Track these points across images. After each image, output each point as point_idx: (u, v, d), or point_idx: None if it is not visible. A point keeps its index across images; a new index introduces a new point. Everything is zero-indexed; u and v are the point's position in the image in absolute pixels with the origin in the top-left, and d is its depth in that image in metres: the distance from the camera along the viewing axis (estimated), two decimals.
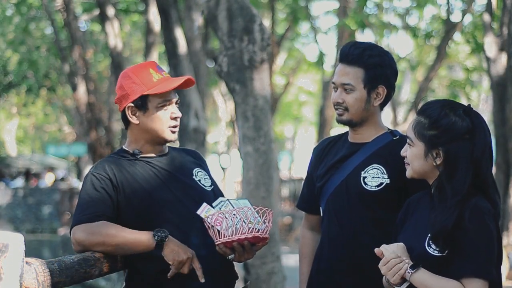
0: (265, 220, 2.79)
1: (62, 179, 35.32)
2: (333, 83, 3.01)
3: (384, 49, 3.03)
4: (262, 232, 2.77)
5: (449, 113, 2.54)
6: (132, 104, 2.92)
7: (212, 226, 2.75)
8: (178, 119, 2.98)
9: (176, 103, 2.98)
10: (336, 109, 3.00)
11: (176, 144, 10.01)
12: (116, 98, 2.99)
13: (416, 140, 2.56)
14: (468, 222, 2.44)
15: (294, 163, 36.52)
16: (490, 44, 11.71)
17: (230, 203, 2.83)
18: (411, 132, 2.58)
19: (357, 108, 2.96)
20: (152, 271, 2.85)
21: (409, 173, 2.63)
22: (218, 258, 2.86)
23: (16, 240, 2.22)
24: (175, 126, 2.96)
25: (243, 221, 2.73)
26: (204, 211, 2.81)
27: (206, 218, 2.78)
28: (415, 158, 2.57)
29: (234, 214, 2.74)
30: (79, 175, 30.81)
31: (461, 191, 2.48)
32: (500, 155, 11.90)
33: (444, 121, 2.52)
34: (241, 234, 2.73)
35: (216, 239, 2.77)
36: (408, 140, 2.60)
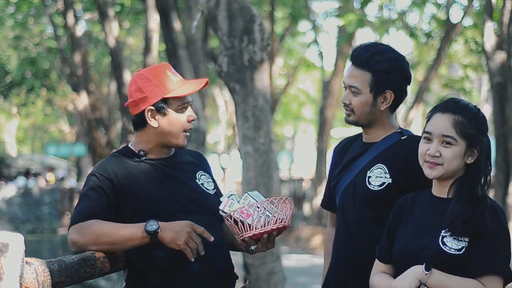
0: (287, 208, 2.84)
1: (62, 179, 35.35)
2: (343, 83, 3.03)
3: (397, 53, 3.01)
4: (288, 221, 2.84)
5: (479, 111, 2.61)
6: (152, 107, 2.89)
7: (240, 220, 2.77)
8: (193, 122, 2.99)
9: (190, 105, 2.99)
10: (344, 109, 3.03)
11: None
12: (131, 101, 2.94)
13: (459, 138, 2.55)
14: (488, 222, 2.47)
15: (294, 163, 36.53)
16: (490, 44, 11.71)
17: (250, 195, 2.86)
18: (452, 131, 2.55)
19: (362, 111, 2.97)
20: (152, 271, 2.85)
21: (438, 172, 2.57)
22: (220, 259, 2.86)
23: (16, 240, 2.22)
24: (189, 129, 2.97)
25: (272, 213, 2.79)
26: (227, 205, 2.83)
27: (231, 213, 2.79)
28: (456, 157, 2.55)
29: (258, 207, 2.78)
30: (79, 175, 30.81)
31: (485, 184, 2.55)
32: (500, 155, 11.90)
33: (481, 120, 2.58)
34: (273, 224, 2.78)
35: (244, 232, 2.78)
36: (449, 139, 2.55)
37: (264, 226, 2.77)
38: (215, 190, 3.04)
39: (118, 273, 4.89)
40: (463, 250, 2.47)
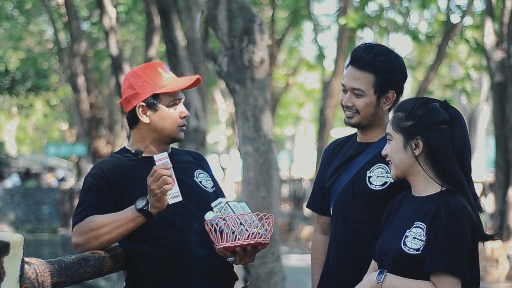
0: (267, 226, 2.80)
1: (62, 179, 35.35)
2: (343, 85, 3.00)
3: (395, 53, 3.02)
4: (264, 238, 2.79)
5: (423, 104, 2.60)
6: (143, 103, 2.91)
7: (214, 230, 2.75)
8: (186, 118, 3.00)
9: (183, 103, 3.00)
10: (345, 111, 3.01)
11: (176, 145, 10.02)
12: (124, 98, 2.97)
13: (394, 133, 2.60)
14: (440, 220, 2.45)
15: (294, 163, 36.53)
16: (490, 43, 11.71)
17: (230, 206, 2.83)
18: (389, 127, 2.62)
19: (367, 112, 2.97)
20: (152, 271, 2.85)
21: (392, 172, 2.63)
22: (217, 258, 2.86)
23: (16, 240, 2.22)
24: (183, 125, 2.98)
25: (246, 228, 2.75)
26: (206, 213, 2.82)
27: (208, 222, 2.78)
28: (395, 151, 2.59)
29: (236, 220, 2.75)
30: (79, 175, 30.81)
31: (452, 177, 2.51)
32: (500, 155, 11.90)
33: (419, 111, 2.57)
34: (243, 240, 2.74)
35: (218, 242, 2.77)
36: (387, 136, 2.63)
37: (235, 240, 2.74)
38: (214, 188, 3.04)
39: (118, 273, 4.89)
40: (420, 250, 2.47)
